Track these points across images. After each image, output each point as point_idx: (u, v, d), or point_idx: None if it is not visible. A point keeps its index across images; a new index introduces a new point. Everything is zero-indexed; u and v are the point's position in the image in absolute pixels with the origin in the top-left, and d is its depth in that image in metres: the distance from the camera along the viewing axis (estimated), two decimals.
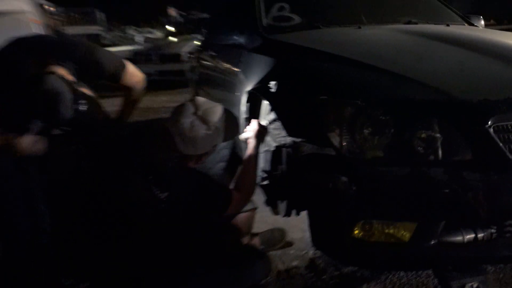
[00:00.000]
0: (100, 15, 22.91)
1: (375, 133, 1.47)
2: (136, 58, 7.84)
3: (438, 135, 1.40)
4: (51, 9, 15.28)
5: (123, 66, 1.90)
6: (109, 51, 1.99)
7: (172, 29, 8.93)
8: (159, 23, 9.72)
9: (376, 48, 2.01)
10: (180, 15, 9.53)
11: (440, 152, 1.39)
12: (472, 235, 1.41)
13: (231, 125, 1.85)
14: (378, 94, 1.55)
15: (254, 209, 2.05)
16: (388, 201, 1.40)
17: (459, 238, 1.41)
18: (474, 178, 1.35)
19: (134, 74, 1.99)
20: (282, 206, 1.92)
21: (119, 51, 16.95)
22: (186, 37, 7.48)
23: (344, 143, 1.48)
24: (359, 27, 2.43)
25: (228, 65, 2.98)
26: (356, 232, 1.45)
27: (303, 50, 2.12)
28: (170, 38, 8.51)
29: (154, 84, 7.43)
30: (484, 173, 1.36)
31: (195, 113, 1.70)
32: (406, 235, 1.41)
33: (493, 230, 1.42)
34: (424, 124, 1.42)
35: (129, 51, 9.96)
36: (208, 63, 3.69)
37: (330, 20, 2.64)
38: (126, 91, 2.06)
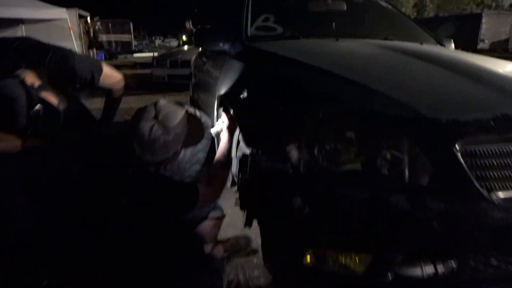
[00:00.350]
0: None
1: (335, 150, 1.12)
2: (152, 63, 7.55)
3: (403, 156, 1.06)
4: (88, 18, 14.98)
5: (99, 70, 1.66)
6: (86, 57, 1.78)
7: (185, 38, 8.60)
8: (182, 34, 9.54)
9: (347, 59, 1.66)
10: (194, 26, 9.29)
11: (403, 176, 1.05)
12: (432, 269, 1.06)
13: (195, 130, 1.53)
14: (340, 106, 1.20)
15: (222, 216, 1.73)
16: (342, 228, 1.05)
17: (418, 272, 1.06)
18: (437, 207, 1.00)
19: (111, 76, 1.79)
20: (244, 215, 1.57)
21: (144, 57, 16.84)
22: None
23: (302, 159, 1.13)
24: (337, 39, 2.08)
25: (214, 70, 2.64)
26: (307, 259, 1.10)
27: (275, 57, 1.77)
28: (184, 47, 8.18)
29: (165, 86, 7.15)
30: (448, 202, 1.01)
31: (155, 117, 1.39)
32: (360, 266, 1.06)
33: (453, 264, 1.07)
34: (389, 143, 1.08)
35: (151, 57, 9.77)
36: (202, 68, 3.35)
37: (311, 32, 2.30)
38: (106, 92, 1.86)
